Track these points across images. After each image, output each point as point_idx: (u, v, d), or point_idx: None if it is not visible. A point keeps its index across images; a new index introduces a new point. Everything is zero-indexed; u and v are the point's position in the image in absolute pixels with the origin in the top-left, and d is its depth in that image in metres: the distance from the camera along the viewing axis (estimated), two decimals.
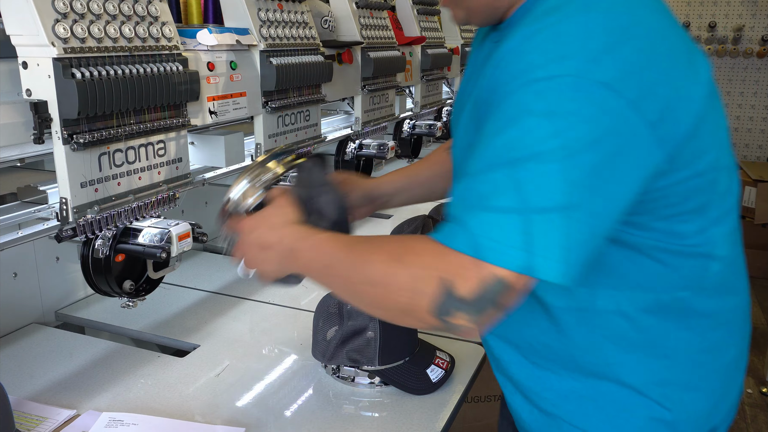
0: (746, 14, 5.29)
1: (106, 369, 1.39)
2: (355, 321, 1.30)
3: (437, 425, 1.21)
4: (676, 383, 0.98)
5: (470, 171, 0.82)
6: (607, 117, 0.77)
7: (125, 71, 1.20)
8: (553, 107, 0.77)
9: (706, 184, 0.89)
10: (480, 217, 0.78)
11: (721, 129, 0.92)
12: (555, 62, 0.78)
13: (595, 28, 0.80)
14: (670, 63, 0.83)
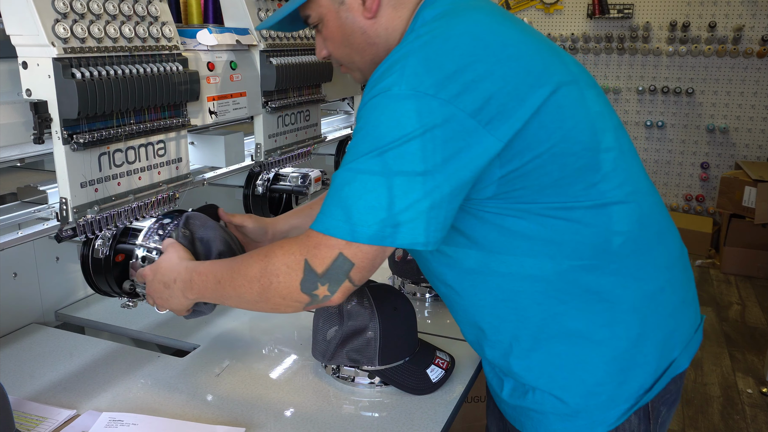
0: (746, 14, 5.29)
1: (106, 369, 1.39)
2: (355, 321, 1.30)
3: (437, 425, 1.21)
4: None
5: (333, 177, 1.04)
6: (424, 114, 0.96)
7: (125, 71, 1.20)
8: (374, 118, 0.99)
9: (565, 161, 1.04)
10: (323, 215, 1.00)
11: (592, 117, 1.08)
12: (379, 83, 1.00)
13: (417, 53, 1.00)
14: (498, 71, 0.99)
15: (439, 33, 1.03)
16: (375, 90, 1.00)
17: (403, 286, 1.78)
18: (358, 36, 1.17)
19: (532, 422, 1.17)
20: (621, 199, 1.09)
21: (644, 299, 1.12)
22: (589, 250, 1.08)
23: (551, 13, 5.85)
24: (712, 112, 5.54)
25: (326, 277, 1.00)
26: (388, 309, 1.31)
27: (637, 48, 5.57)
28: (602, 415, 1.12)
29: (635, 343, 1.11)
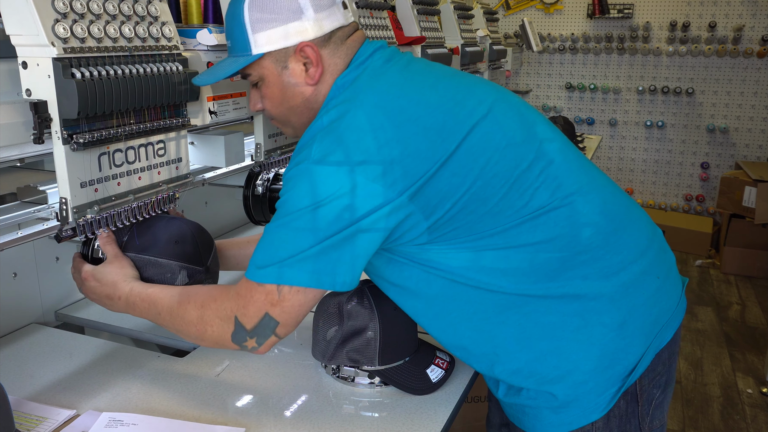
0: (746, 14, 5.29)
1: (106, 369, 1.39)
2: (355, 321, 1.30)
3: (437, 425, 1.21)
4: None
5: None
6: (332, 182, 1.06)
7: (125, 71, 1.20)
8: (287, 187, 1.10)
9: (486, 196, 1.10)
10: (252, 266, 1.11)
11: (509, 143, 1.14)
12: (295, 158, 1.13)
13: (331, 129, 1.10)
14: (398, 137, 1.07)
15: (344, 108, 1.12)
16: (296, 159, 1.12)
17: None
18: (297, 99, 1.24)
19: (528, 417, 1.21)
20: (557, 205, 1.13)
21: (622, 290, 1.16)
22: (541, 261, 1.13)
23: (551, 13, 5.85)
24: (712, 112, 5.54)
25: (254, 332, 1.12)
26: (388, 309, 1.31)
27: (637, 48, 5.57)
28: (593, 402, 1.16)
29: (619, 332, 1.15)
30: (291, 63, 1.20)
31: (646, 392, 1.20)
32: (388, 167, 1.06)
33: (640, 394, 1.19)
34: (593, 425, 1.17)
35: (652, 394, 1.21)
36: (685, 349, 3.79)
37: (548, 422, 1.19)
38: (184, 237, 1.36)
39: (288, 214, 1.08)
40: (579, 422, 1.17)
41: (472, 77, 1.26)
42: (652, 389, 1.21)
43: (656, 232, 1.29)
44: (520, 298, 1.14)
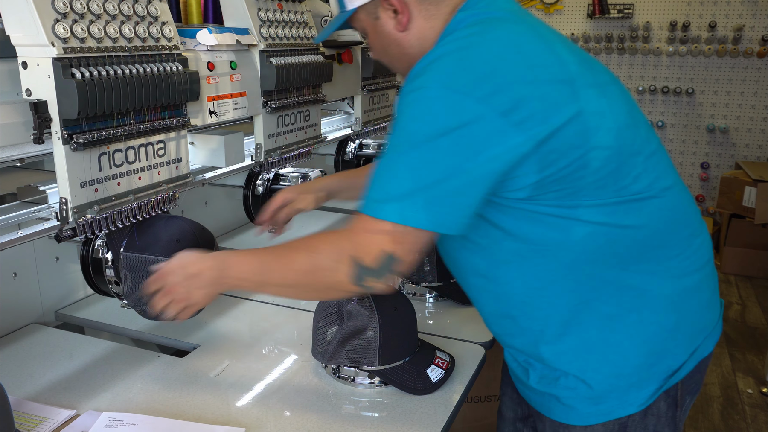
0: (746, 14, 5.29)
1: (106, 369, 1.39)
2: (355, 321, 1.30)
3: (437, 425, 1.21)
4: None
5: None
6: (455, 111, 1.02)
7: (125, 71, 1.20)
8: (408, 113, 1.06)
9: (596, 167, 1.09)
10: (369, 200, 1.07)
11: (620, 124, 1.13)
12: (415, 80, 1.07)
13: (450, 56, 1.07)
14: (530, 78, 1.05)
15: (474, 39, 1.09)
16: (410, 86, 1.08)
17: (403, 286, 1.78)
18: (393, 47, 1.26)
19: (562, 406, 1.20)
20: (654, 194, 1.15)
21: (684, 294, 1.18)
22: (623, 245, 1.13)
23: (551, 13, 5.85)
24: (712, 112, 5.54)
25: (377, 272, 1.07)
26: (388, 309, 1.31)
27: (637, 48, 5.57)
28: (632, 395, 1.17)
29: (671, 333, 1.18)
30: (380, 13, 1.23)
31: (683, 397, 1.22)
32: (517, 105, 1.03)
33: (680, 398, 1.21)
34: (629, 418, 1.18)
35: (684, 400, 1.23)
36: None
37: (583, 411, 1.19)
38: (185, 235, 1.36)
39: (406, 143, 1.05)
40: (615, 413, 1.18)
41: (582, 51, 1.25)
42: (685, 395, 1.22)
43: (711, 247, 1.30)
44: (588, 279, 1.15)
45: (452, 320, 1.65)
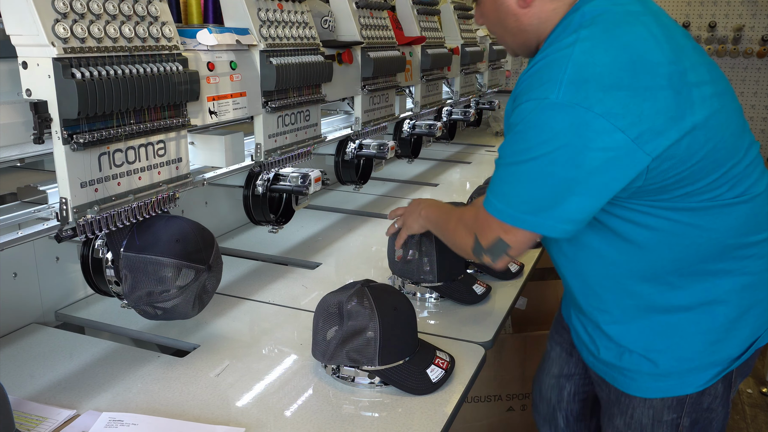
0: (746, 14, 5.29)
1: (106, 369, 1.39)
2: (355, 321, 1.30)
3: (437, 425, 1.21)
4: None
5: (499, 156, 1.23)
6: (577, 125, 1.07)
7: (125, 71, 1.20)
8: (532, 121, 1.12)
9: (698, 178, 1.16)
10: (491, 197, 1.23)
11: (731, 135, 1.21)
12: (539, 89, 1.12)
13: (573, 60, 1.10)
14: (651, 90, 1.08)
15: (600, 43, 1.11)
16: (534, 94, 1.11)
17: (403, 286, 1.78)
18: (511, 21, 1.29)
19: (625, 378, 1.33)
20: (745, 200, 1.22)
21: (750, 289, 1.27)
22: (707, 246, 1.22)
23: None
24: None
25: (489, 251, 1.26)
26: (388, 309, 1.31)
27: None
28: (693, 378, 1.28)
29: (735, 324, 1.26)
30: None
31: (736, 380, 1.32)
32: (637, 119, 1.06)
33: (734, 381, 1.31)
34: (688, 397, 1.28)
35: (737, 381, 1.33)
36: None
37: (645, 386, 1.31)
38: (185, 235, 1.36)
39: (527, 152, 1.13)
40: (675, 392, 1.28)
41: (703, 52, 1.27)
42: (738, 377, 1.32)
43: None
44: (665, 275, 1.24)
45: (452, 320, 1.65)
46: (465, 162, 3.59)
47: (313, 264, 2.04)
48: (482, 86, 3.76)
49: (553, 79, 1.09)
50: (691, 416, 1.30)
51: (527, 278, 1.94)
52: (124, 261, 1.34)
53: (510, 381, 2.49)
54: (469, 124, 3.82)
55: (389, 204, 2.74)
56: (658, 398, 1.30)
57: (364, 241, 2.25)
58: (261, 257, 2.11)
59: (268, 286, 1.85)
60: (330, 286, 1.52)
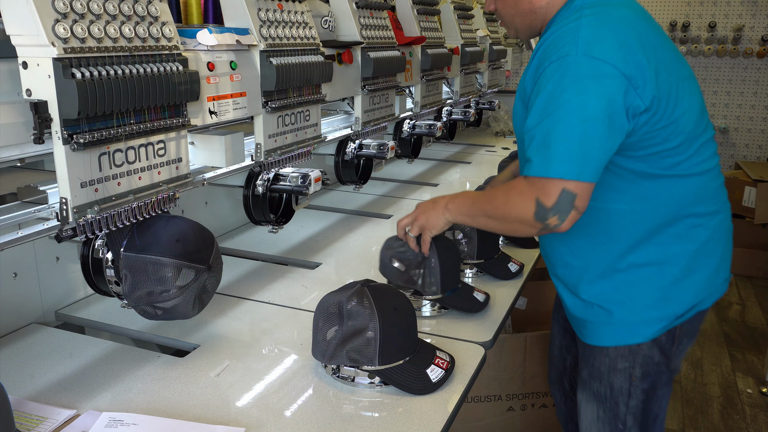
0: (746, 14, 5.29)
1: (106, 369, 1.39)
2: (355, 321, 1.30)
3: (437, 425, 1.21)
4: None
5: (530, 124, 1.34)
6: (598, 71, 1.28)
7: (125, 71, 1.20)
8: (563, 75, 1.29)
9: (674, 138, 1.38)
10: (543, 153, 1.30)
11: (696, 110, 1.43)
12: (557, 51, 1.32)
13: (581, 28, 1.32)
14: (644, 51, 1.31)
15: (603, 16, 1.34)
16: (555, 57, 1.31)
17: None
18: (525, 3, 1.49)
19: (588, 331, 1.53)
20: (696, 173, 1.42)
21: (697, 257, 1.46)
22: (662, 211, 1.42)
23: None
24: (712, 112, 5.54)
25: (555, 210, 1.31)
26: (388, 309, 1.32)
27: None
28: (642, 329, 1.48)
29: (682, 286, 1.46)
30: None
31: (680, 339, 1.50)
32: (637, 71, 1.29)
33: (678, 338, 1.50)
34: (639, 346, 1.48)
35: (682, 341, 1.51)
36: None
37: (602, 335, 1.51)
38: (185, 235, 1.36)
39: (561, 107, 1.28)
40: (626, 340, 1.48)
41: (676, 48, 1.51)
42: (683, 337, 1.51)
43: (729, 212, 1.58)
44: (629, 239, 1.44)
45: (452, 320, 1.65)
46: (465, 162, 3.59)
47: (313, 264, 2.04)
48: (482, 86, 3.76)
49: (569, 43, 1.29)
50: (642, 368, 1.48)
51: (527, 278, 1.94)
52: (124, 261, 1.34)
53: (510, 381, 2.49)
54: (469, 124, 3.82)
55: (389, 204, 2.74)
56: (612, 346, 1.49)
57: (364, 241, 2.25)
58: (261, 257, 2.11)
59: (268, 286, 1.85)
60: (330, 286, 1.52)
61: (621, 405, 1.51)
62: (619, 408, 1.51)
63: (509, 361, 2.48)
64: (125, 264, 1.34)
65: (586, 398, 1.58)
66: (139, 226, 1.36)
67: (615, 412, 1.52)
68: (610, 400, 1.52)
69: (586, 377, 1.57)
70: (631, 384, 1.49)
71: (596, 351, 1.52)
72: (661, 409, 1.54)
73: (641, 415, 1.51)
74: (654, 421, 1.53)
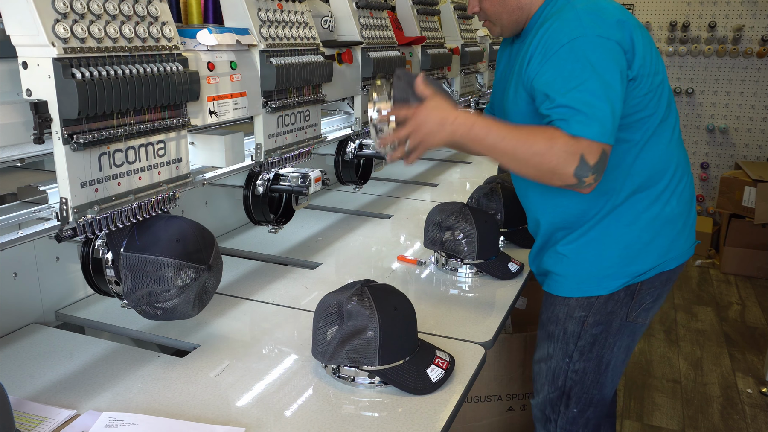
0: (746, 14, 5.29)
1: (106, 369, 1.39)
2: (355, 321, 1.30)
3: (437, 425, 1.21)
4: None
5: (556, 99, 1.39)
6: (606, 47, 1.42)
7: (125, 71, 1.20)
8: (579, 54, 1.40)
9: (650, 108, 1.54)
10: (580, 118, 1.37)
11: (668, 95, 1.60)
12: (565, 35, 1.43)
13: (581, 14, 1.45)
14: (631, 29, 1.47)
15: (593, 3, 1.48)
16: (566, 39, 1.41)
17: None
18: (512, 1, 1.57)
19: (555, 283, 1.68)
20: (657, 143, 1.57)
21: (661, 220, 1.60)
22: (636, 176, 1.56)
23: None
24: (712, 112, 5.54)
25: (594, 168, 1.37)
26: (388, 309, 1.32)
27: None
28: (606, 283, 1.62)
29: (644, 246, 1.60)
30: None
31: (641, 295, 1.64)
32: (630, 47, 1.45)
33: (637, 294, 1.63)
34: (597, 298, 1.63)
35: (644, 299, 1.65)
36: (685, 349, 3.79)
37: (568, 287, 1.65)
38: (185, 235, 1.36)
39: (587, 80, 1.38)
40: (588, 292, 1.63)
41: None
42: (645, 295, 1.64)
43: (691, 180, 1.71)
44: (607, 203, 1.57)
45: (452, 320, 1.65)
46: (465, 162, 3.59)
47: (313, 264, 2.04)
48: (482, 86, 3.76)
49: (576, 27, 1.42)
50: (595, 316, 1.64)
51: (527, 278, 1.94)
52: (125, 261, 1.34)
53: (510, 381, 2.49)
54: None
55: (389, 204, 2.74)
56: (574, 298, 1.65)
57: (364, 241, 2.26)
58: (261, 257, 2.11)
59: (268, 286, 1.85)
60: (330, 286, 1.52)
61: (571, 344, 1.67)
62: (569, 346, 1.68)
63: (509, 361, 2.48)
64: (125, 264, 1.34)
65: (541, 336, 1.77)
66: (139, 226, 1.36)
67: (565, 350, 1.69)
68: (562, 340, 1.69)
69: (544, 320, 1.74)
70: (582, 329, 1.65)
71: (558, 300, 1.68)
72: (613, 357, 1.67)
73: (588, 353, 1.67)
74: (606, 366, 1.68)
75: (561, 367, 1.70)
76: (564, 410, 1.74)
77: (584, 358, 1.68)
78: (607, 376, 1.70)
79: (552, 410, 1.76)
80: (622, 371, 1.75)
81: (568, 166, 1.35)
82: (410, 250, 2.16)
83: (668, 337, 3.93)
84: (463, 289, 1.87)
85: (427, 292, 1.86)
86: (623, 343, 1.68)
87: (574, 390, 1.71)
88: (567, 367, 1.70)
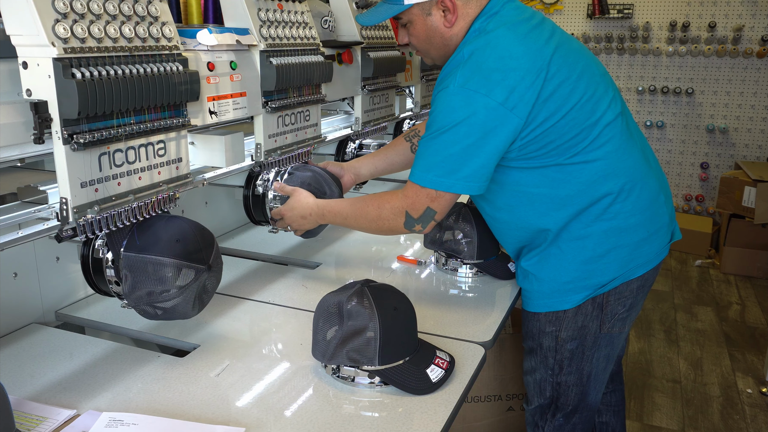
0: (746, 14, 5.29)
1: (106, 369, 1.39)
2: (355, 321, 1.30)
3: (437, 425, 1.21)
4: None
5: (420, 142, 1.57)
6: (470, 104, 1.46)
7: (125, 71, 1.20)
8: (440, 106, 1.51)
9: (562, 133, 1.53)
10: (416, 171, 1.55)
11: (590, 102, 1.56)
12: (443, 81, 1.54)
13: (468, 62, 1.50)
14: (515, 71, 1.47)
15: (479, 48, 1.50)
16: (441, 85, 1.52)
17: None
18: (437, 38, 1.63)
19: (526, 299, 1.75)
20: (600, 157, 1.56)
21: (617, 232, 1.61)
22: (578, 196, 1.58)
23: (551, 13, 5.85)
24: (711, 112, 5.54)
25: (420, 221, 1.58)
26: (388, 309, 1.32)
27: (637, 48, 5.57)
28: (568, 297, 1.66)
29: (603, 258, 1.63)
30: (433, 11, 1.59)
31: (611, 305, 1.67)
32: (510, 94, 1.45)
33: (606, 305, 1.67)
34: (565, 312, 1.68)
35: (616, 309, 1.68)
36: (685, 349, 3.79)
37: (535, 303, 1.71)
38: (185, 235, 1.36)
39: (438, 129, 1.48)
40: (555, 307, 1.68)
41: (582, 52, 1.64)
42: (616, 306, 1.68)
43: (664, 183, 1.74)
44: (557, 220, 1.61)
45: (452, 320, 1.65)
46: None
47: (313, 264, 2.04)
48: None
49: (449, 75, 1.50)
50: (567, 331, 1.69)
51: None
52: (125, 261, 1.34)
53: (510, 381, 2.49)
54: None
55: None
56: (543, 312, 1.70)
57: (364, 241, 2.26)
58: (261, 257, 2.11)
59: (268, 286, 1.85)
60: (330, 286, 1.52)
61: (550, 358, 1.74)
62: (548, 360, 1.74)
63: (509, 361, 2.48)
64: (125, 264, 1.34)
65: (525, 350, 1.84)
66: (139, 226, 1.36)
67: (545, 363, 1.75)
68: (540, 355, 1.75)
69: (525, 335, 1.81)
70: (557, 343, 1.71)
71: (530, 315, 1.74)
72: (593, 368, 1.73)
73: (568, 367, 1.72)
74: (588, 377, 1.74)
75: (546, 379, 1.77)
76: (551, 418, 1.80)
77: (565, 372, 1.73)
78: (590, 385, 1.76)
79: (540, 417, 1.82)
80: (606, 377, 1.80)
81: (398, 224, 1.60)
82: (410, 250, 2.16)
83: (668, 337, 3.93)
84: (463, 289, 1.87)
85: (427, 292, 1.86)
86: (601, 353, 1.72)
87: (560, 400, 1.77)
88: (551, 379, 1.76)
